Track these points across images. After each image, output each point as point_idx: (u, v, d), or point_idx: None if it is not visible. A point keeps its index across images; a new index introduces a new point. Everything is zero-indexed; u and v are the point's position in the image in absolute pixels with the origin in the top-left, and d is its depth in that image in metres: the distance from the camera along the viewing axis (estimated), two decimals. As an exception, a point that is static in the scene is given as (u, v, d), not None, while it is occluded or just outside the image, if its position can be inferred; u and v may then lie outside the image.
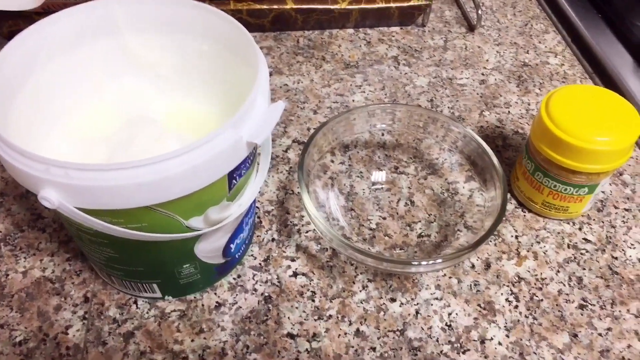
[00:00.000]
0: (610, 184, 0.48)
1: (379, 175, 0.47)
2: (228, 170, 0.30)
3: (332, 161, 0.47)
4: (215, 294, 0.39)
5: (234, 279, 0.39)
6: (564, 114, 0.40)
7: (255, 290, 0.39)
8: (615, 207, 0.46)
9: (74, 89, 0.36)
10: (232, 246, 0.37)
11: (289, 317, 0.38)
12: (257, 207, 0.44)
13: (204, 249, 0.34)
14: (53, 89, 0.35)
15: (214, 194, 0.31)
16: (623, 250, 0.43)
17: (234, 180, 0.32)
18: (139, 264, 0.34)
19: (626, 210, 0.46)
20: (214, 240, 0.35)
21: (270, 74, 0.56)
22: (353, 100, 0.54)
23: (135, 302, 0.38)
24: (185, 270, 0.35)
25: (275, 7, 0.57)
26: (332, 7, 0.58)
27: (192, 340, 0.36)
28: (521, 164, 0.45)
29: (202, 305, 0.38)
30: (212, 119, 0.38)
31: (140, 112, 0.38)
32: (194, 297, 0.38)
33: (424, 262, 0.36)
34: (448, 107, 0.54)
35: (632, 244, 0.44)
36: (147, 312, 0.37)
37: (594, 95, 0.42)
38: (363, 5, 0.59)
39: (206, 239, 0.34)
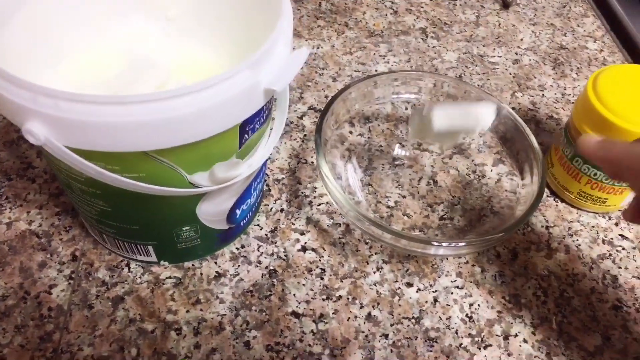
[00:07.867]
0: (650, 178, 0.44)
1: (401, 151, 0.43)
2: (240, 120, 0.26)
3: (351, 132, 0.44)
4: (216, 263, 0.35)
5: (237, 248, 0.36)
6: (612, 94, 0.36)
7: (259, 262, 0.35)
8: (655, 204, 0.42)
9: (74, 25, 0.33)
10: (238, 212, 0.33)
11: (294, 295, 0.34)
12: (267, 175, 0.41)
13: (207, 211, 0.31)
14: (49, 23, 0.31)
15: (222, 147, 0.27)
16: (662, 250, 0.40)
17: (246, 135, 0.28)
18: (134, 222, 0.30)
19: (666, 208, 0.42)
20: (218, 203, 0.31)
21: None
22: (376, 70, 0.50)
23: (128, 265, 0.34)
24: (185, 234, 0.32)
25: (299, -35, 0.53)
26: (360, -30, 0.54)
27: (187, 311, 0.33)
28: (558, 149, 0.41)
29: (201, 274, 0.34)
30: (223, 70, 0.34)
31: (145, 56, 0.34)
32: (192, 265, 0.35)
33: (445, 244, 0.32)
34: (478, 85, 0.50)
35: (672, 245, 0.40)
36: (140, 277, 0.34)
37: (646, 77, 0.38)
38: (393, -28, 0.55)
39: (210, 200, 0.30)
